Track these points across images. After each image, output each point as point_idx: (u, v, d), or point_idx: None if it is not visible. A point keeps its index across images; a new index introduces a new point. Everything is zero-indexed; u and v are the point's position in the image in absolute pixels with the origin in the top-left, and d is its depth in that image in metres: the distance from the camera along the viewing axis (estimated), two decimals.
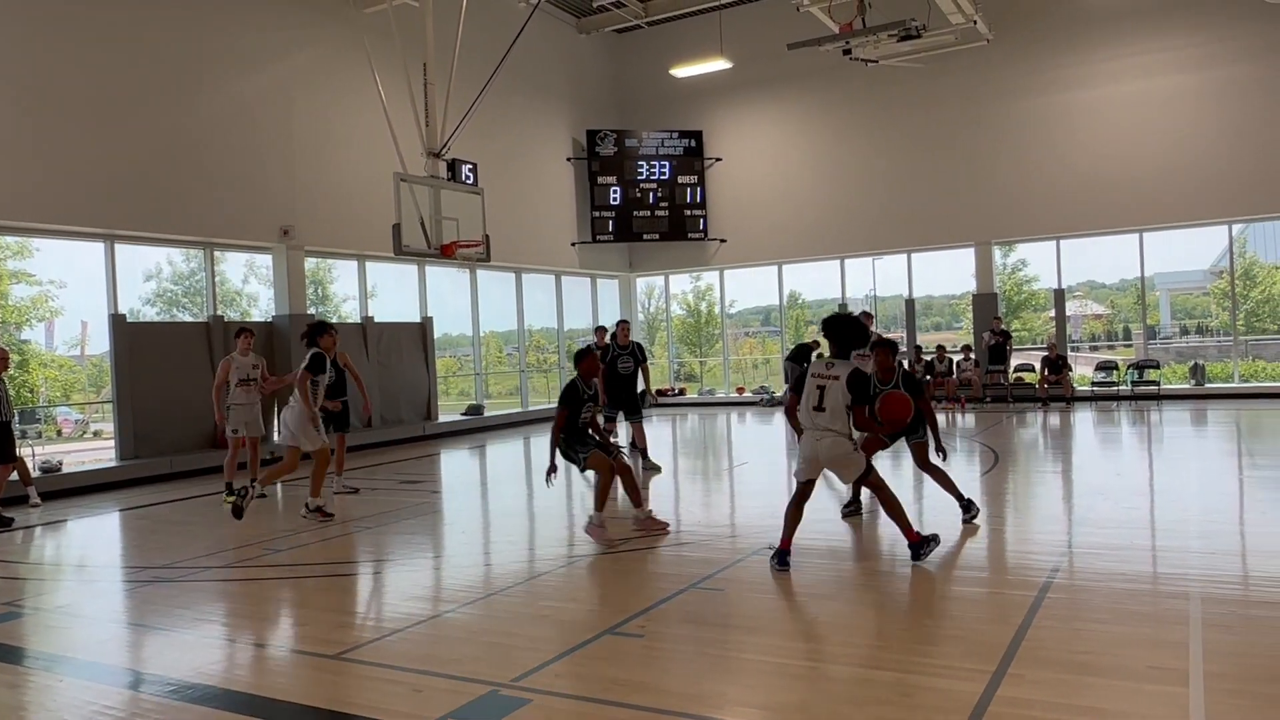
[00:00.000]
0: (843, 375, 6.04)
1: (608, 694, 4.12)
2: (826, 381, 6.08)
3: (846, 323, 6.31)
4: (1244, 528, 7.11)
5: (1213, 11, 17.65)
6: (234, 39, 14.35)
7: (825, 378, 6.10)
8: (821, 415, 6.07)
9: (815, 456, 6.15)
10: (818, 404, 6.07)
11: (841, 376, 6.04)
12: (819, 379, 6.12)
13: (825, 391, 6.06)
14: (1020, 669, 4.17)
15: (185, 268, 16.04)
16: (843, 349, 6.23)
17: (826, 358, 6.30)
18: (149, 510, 10.31)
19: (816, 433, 6.12)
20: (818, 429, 6.11)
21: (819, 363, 6.30)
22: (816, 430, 6.12)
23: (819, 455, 6.13)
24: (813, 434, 6.15)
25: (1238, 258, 19.60)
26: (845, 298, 22.14)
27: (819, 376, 6.13)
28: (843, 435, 6.11)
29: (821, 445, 6.10)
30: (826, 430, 6.08)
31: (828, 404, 6.04)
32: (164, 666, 4.86)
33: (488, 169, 15.40)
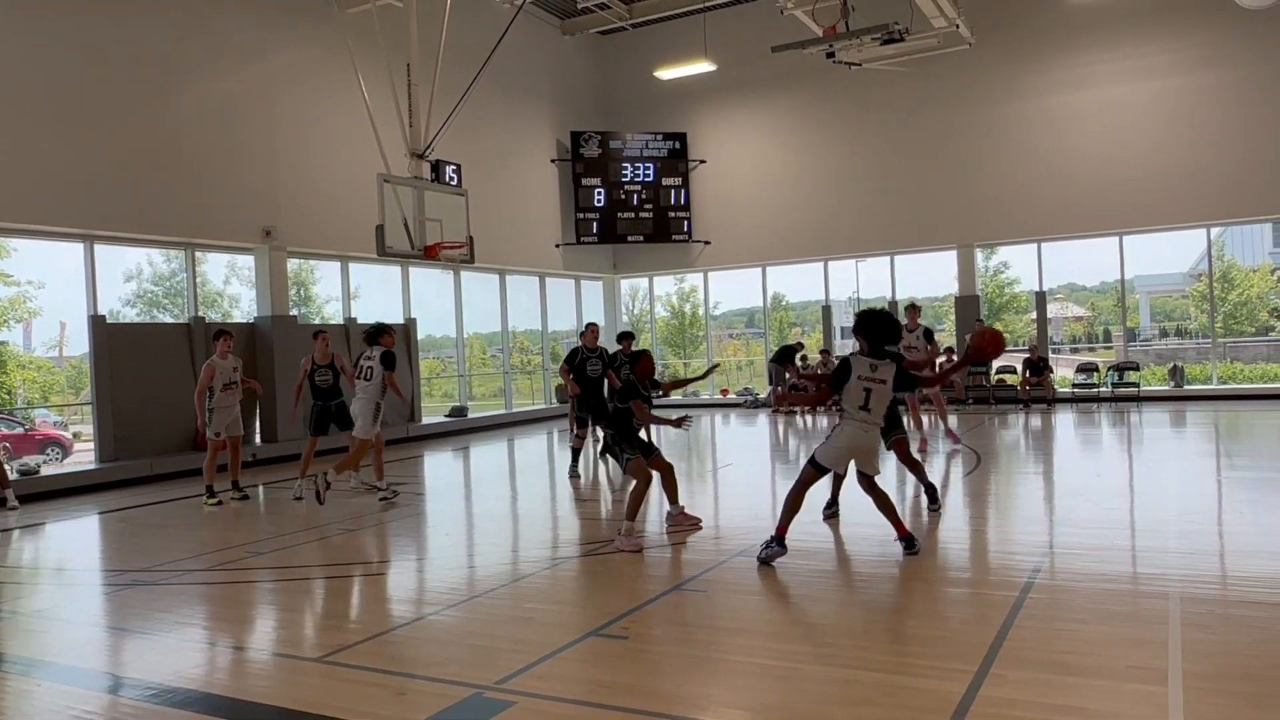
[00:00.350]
0: (889, 379, 6.18)
1: (592, 696, 4.11)
2: (873, 385, 6.17)
3: (879, 318, 6.29)
4: (1222, 528, 7.18)
5: (1191, 18, 17.83)
6: (215, 38, 14.27)
7: (872, 380, 6.17)
8: (867, 415, 6.21)
9: (852, 448, 6.25)
10: (864, 404, 6.18)
11: (888, 380, 6.18)
12: (865, 381, 6.19)
13: (871, 395, 6.17)
14: (1002, 669, 4.19)
15: (166, 268, 15.92)
16: (876, 347, 6.25)
17: (869, 359, 6.27)
18: (128, 513, 10.22)
19: (863, 425, 6.22)
20: (864, 423, 6.22)
21: (863, 363, 6.26)
22: (861, 424, 6.22)
23: (856, 448, 6.25)
24: (854, 429, 6.23)
25: (1216, 261, 19.81)
26: (829, 300, 22.22)
27: (865, 379, 6.19)
28: (877, 428, 6.31)
29: (863, 440, 6.23)
30: (872, 427, 6.25)
31: (873, 406, 6.20)
32: (144, 670, 4.82)
33: (472, 170, 15.37)
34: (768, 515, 8.45)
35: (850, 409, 6.24)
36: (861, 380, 6.19)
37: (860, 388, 6.18)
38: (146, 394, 13.30)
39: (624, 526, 7.17)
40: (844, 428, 6.28)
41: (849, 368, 6.29)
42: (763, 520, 8.11)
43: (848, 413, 6.27)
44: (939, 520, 7.73)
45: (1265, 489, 8.75)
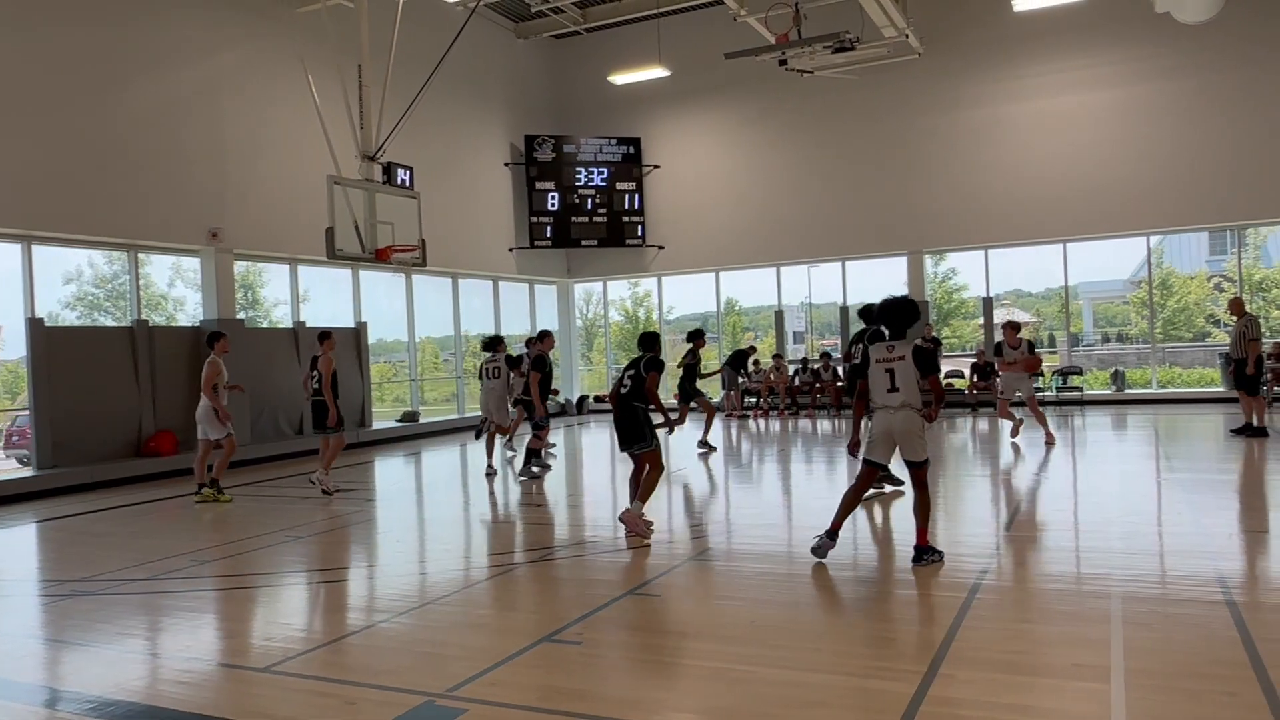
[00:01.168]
0: (907, 354, 6.30)
1: (545, 702, 4.09)
2: (893, 363, 6.31)
3: (900, 306, 6.48)
4: (1162, 529, 7.37)
5: (1132, 32, 18.32)
6: (161, 35, 13.98)
7: (890, 360, 6.33)
8: (896, 394, 6.30)
9: (889, 431, 6.33)
10: (891, 385, 6.31)
11: (906, 355, 6.30)
12: (885, 362, 6.34)
13: (895, 373, 6.30)
14: (950, 669, 4.26)
15: (108, 270, 15.52)
16: (898, 331, 6.45)
17: (885, 342, 6.48)
18: (68, 521, 9.95)
19: (890, 410, 6.32)
20: (891, 407, 6.32)
21: (879, 347, 6.46)
22: (890, 408, 6.32)
23: (893, 429, 6.32)
24: (886, 412, 6.34)
25: (1155, 268, 20.36)
26: (781, 304, 22.40)
27: (884, 360, 6.35)
28: (915, 410, 6.33)
29: (895, 420, 6.30)
30: (902, 405, 6.30)
31: (900, 383, 6.29)
32: (83, 683, 4.69)
33: (424, 173, 15.25)
34: (720, 519, 8.50)
35: (877, 394, 6.39)
36: (881, 363, 6.35)
37: (882, 370, 6.33)
38: (87, 399, 12.96)
39: (635, 507, 7.48)
40: (875, 418, 6.45)
41: (866, 355, 6.52)
42: (715, 525, 8.15)
43: (875, 402, 6.42)
44: (888, 510, 7.83)
45: (1202, 490, 9.00)
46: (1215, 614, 4.92)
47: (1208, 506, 8.07)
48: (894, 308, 6.46)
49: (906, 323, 6.44)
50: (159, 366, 14.00)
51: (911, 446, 6.32)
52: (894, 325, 6.45)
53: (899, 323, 6.43)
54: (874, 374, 6.37)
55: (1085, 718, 3.73)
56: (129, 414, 13.60)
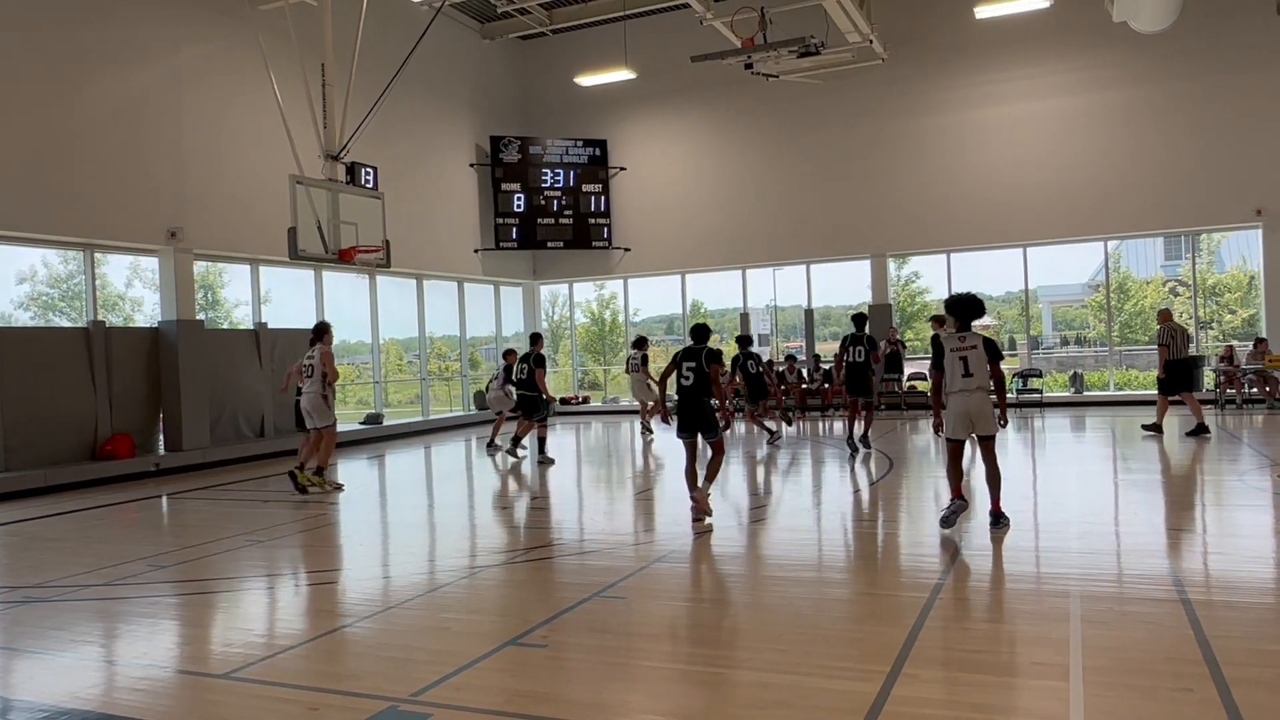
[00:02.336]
0: (979, 344, 7.20)
1: (510, 706, 4.08)
2: (967, 351, 7.18)
3: (968, 301, 7.29)
4: (1119, 528, 7.51)
5: (1092, 41, 18.64)
6: (121, 30, 13.73)
7: (963, 349, 7.20)
8: (970, 379, 7.14)
9: (967, 412, 7.15)
10: (965, 371, 7.15)
11: (979, 345, 7.19)
12: (959, 351, 7.21)
13: (969, 361, 7.15)
14: (914, 669, 4.30)
15: (63, 270, 15.21)
16: (966, 322, 7.29)
17: (955, 332, 7.30)
18: (20, 526, 9.73)
19: (967, 393, 7.15)
20: (968, 390, 7.14)
21: (951, 338, 7.28)
22: (967, 391, 7.14)
23: (970, 410, 7.14)
24: (963, 395, 7.16)
25: (1113, 272, 20.73)
26: (746, 307, 22.51)
27: (957, 350, 7.21)
28: (987, 392, 7.17)
29: (972, 401, 7.13)
30: (977, 389, 7.14)
31: (974, 369, 7.14)
32: (35, 692, 4.59)
33: (389, 173, 15.12)
34: (685, 521, 8.51)
35: (953, 380, 7.19)
36: (955, 352, 7.21)
37: (956, 358, 7.19)
38: (41, 401, 12.69)
39: (705, 487, 8.26)
40: (951, 400, 7.23)
41: (941, 346, 7.32)
42: (681, 526, 8.16)
43: (951, 385, 7.21)
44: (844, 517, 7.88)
45: (1158, 491, 9.18)
46: (1171, 612, 5.02)
47: (1163, 507, 8.22)
48: (963, 302, 7.30)
49: (974, 315, 7.28)
50: (116, 368, 13.75)
51: (988, 424, 7.19)
52: (960, 316, 7.27)
53: (967, 314, 7.26)
54: (949, 361, 7.20)
55: (1046, 716, 3.79)
56: (84, 416, 13.33)
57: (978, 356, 7.15)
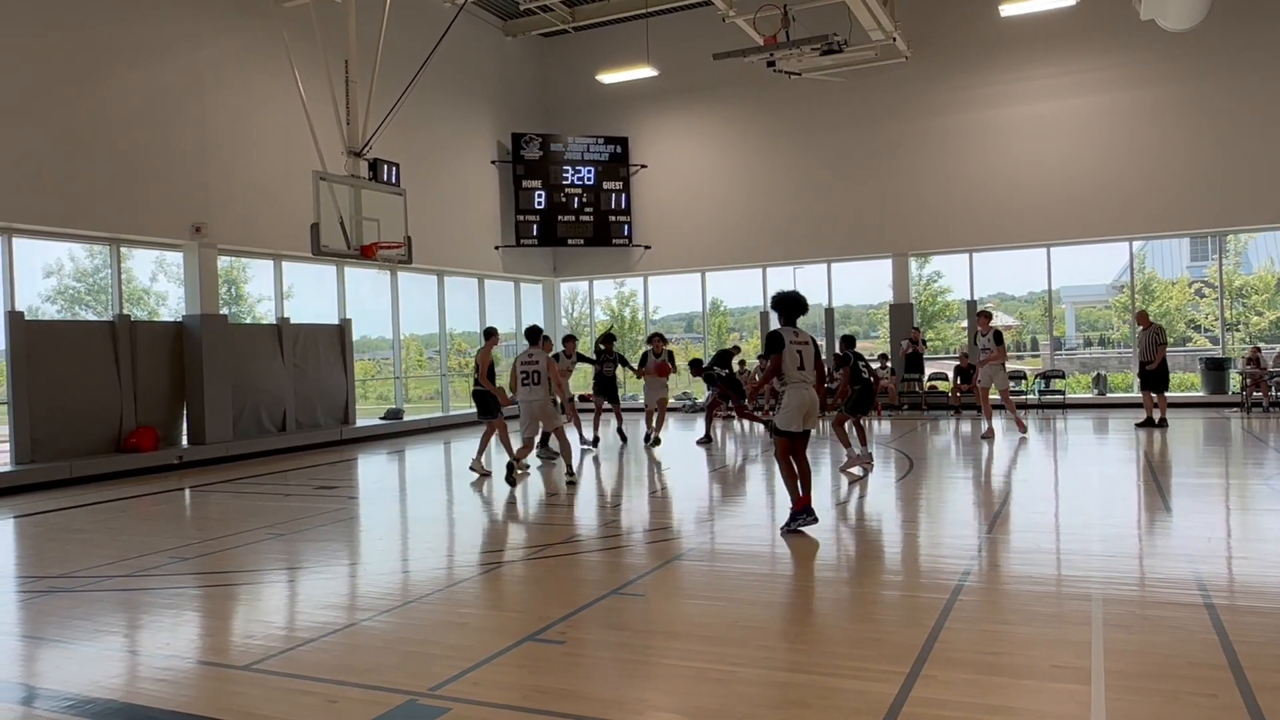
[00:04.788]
0: (810, 340, 7.48)
1: (528, 702, 4.08)
2: (802, 346, 7.40)
3: (793, 299, 7.52)
4: (1141, 532, 7.43)
5: (1118, 39, 18.45)
6: (146, 27, 13.86)
7: (799, 343, 7.40)
8: (803, 372, 7.36)
9: (802, 404, 7.32)
10: (800, 365, 7.35)
11: (810, 342, 7.46)
12: (796, 344, 7.39)
13: (803, 355, 7.37)
14: (933, 670, 4.28)
15: (89, 264, 15.39)
16: (791, 319, 7.50)
17: (790, 329, 7.48)
18: (46, 517, 9.85)
19: (804, 385, 7.37)
20: (805, 383, 7.37)
21: (788, 331, 7.43)
22: (805, 384, 7.37)
23: (807, 402, 7.33)
24: (801, 387, 7.35)
25: (1138, 273, 20.52)
26: (766, 306, 22.42)
27: (795, 343, 7.39)
28: (812, 385, 7.43)
29: (809, 394, 7.37)
30: (809, 383, 7.39)
31: (806, 364, 7.38)
32: (60, 681, 4.65)
33: (410, 170, 15.19)
34: (705, 519, 8.50)
35: (791, 372, 7.32)
36: (793, 345, 7.35)
37: (794, 351, 7.34)
38: (67, 394, 12.84)
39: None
40: (789, 391, 7.34)
41: (780, 336, 7.39)
42: (700, 524, 8.16)
43: (789, 377, 7.34)
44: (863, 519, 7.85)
45: (1181, 494, 9.08)
46: (1194, 616, 4.96)
47: (1187, 510, 8.13)
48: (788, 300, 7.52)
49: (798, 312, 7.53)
50: (140, 362, 13.90)
51: (815, 420, 7.46)
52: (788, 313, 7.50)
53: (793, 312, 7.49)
54: (788, 354, 7.34)
55: (1065, 719, 3.75)
56: (109, 409, 13.48)
57: (810, 352, 7.42)
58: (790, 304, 7.53)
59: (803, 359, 7.36)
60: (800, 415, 7.32)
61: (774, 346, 7.39)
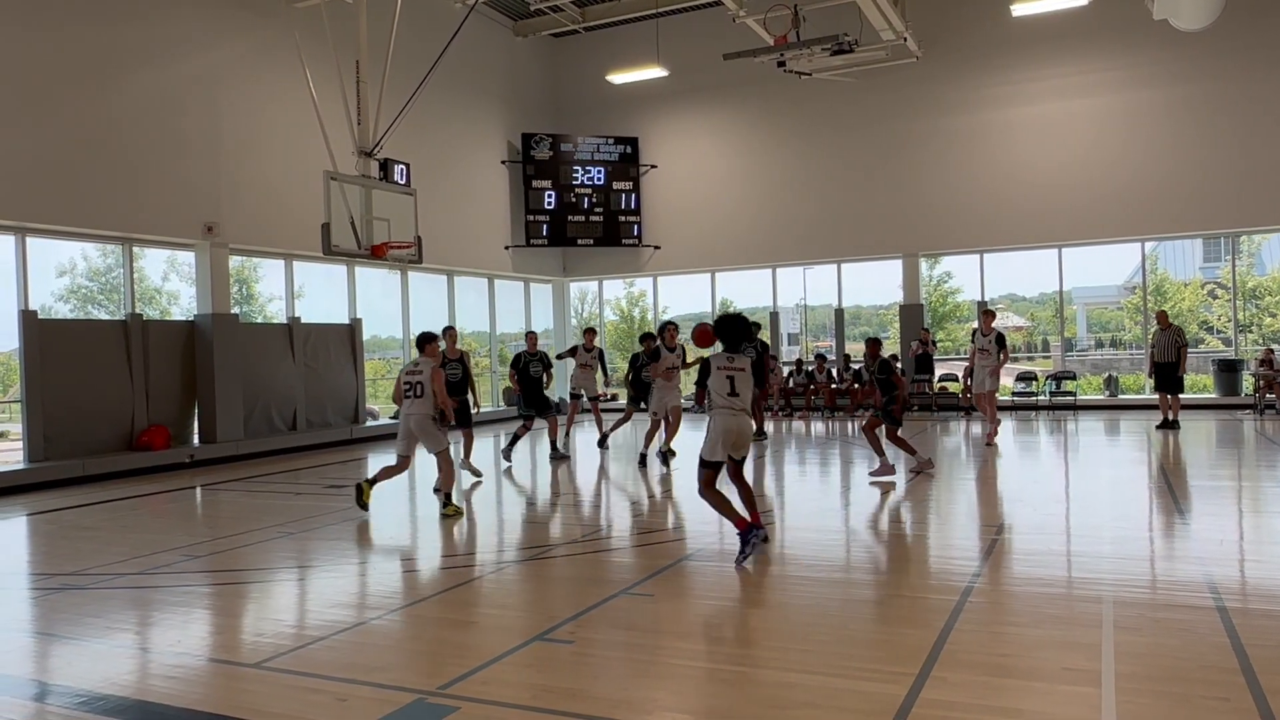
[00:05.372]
0: (746, 367, 6.87)
1: (537, 701, 4.09)
2: (734, 372, 6.81)
3: (731, 322, 6.99)
4: (1152, 534, 7.39)
5: (1130, 38, 18.36)
6: (157, 28, 13.93)
7: (732, 369, 6.82)
8: (736, 399, 6.80)
9: (727, 430, 6.74)
10: (731, 390, 6.79)
11: (746, 368, 6.86)
12: (726, 370, 6.81)
13: (735, 380, 6.80)
14: (942, 671, 4.26)
15: (101, 263, 15.47)
16: (731, 345, 6.93)
17: (725, 354, 6.92)
18: (58, 515, 9.91)
19: (732, 413, 6.79)
20: (734, 410, 6.80)
21: (720, 357, 6.88)
22: (732, 411, 6.79)
23: (735, 430, 6.77)
24: (728, 413, 6.78)
25: (1150, 274, 20.41)
26: (776, 306, 22.43)
27: (725, 369, 6.82)
28: (749, 414, 6.95)
29: (738, 421, 6.80)
30: (741, 410, 6.83)
31: (740, 389, 6.80)
32: (72, 677, 4.67)
33: (421, 170, 15.22)
34: (713, 520, 8.50)
35: (718, 398, 6.82)
36: (722, 370, 6.80)
37: (724, 377, 6.79)
38: (80, 392, 12.92)
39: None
40: (715, 418, 6.82)
41: (708, 363, 6.90)
42: (709, 524, 8.16)
43: (717, 402, 6.84)
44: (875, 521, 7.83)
45: (1193, 496, 9.03)
46: (1206, 619, 4.94)
47: (1198, 512, 8.09)
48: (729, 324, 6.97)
49: (742, 338, 7.00)
50: (152, 361, 13.97)
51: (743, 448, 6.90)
52: (725, 339, 6.93)
53: (735, 338, 6.93)
54: (716, 379, 6.80)
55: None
56: (121, 408, 13.56)
57: (745, 379, 6.81)
58: (729, 329, 6.95)
59: (735, 385, 6.76)
60: (725, 444, 6.73)
61: (703, 373, 6.95)
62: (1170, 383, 14.81)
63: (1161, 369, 14.89)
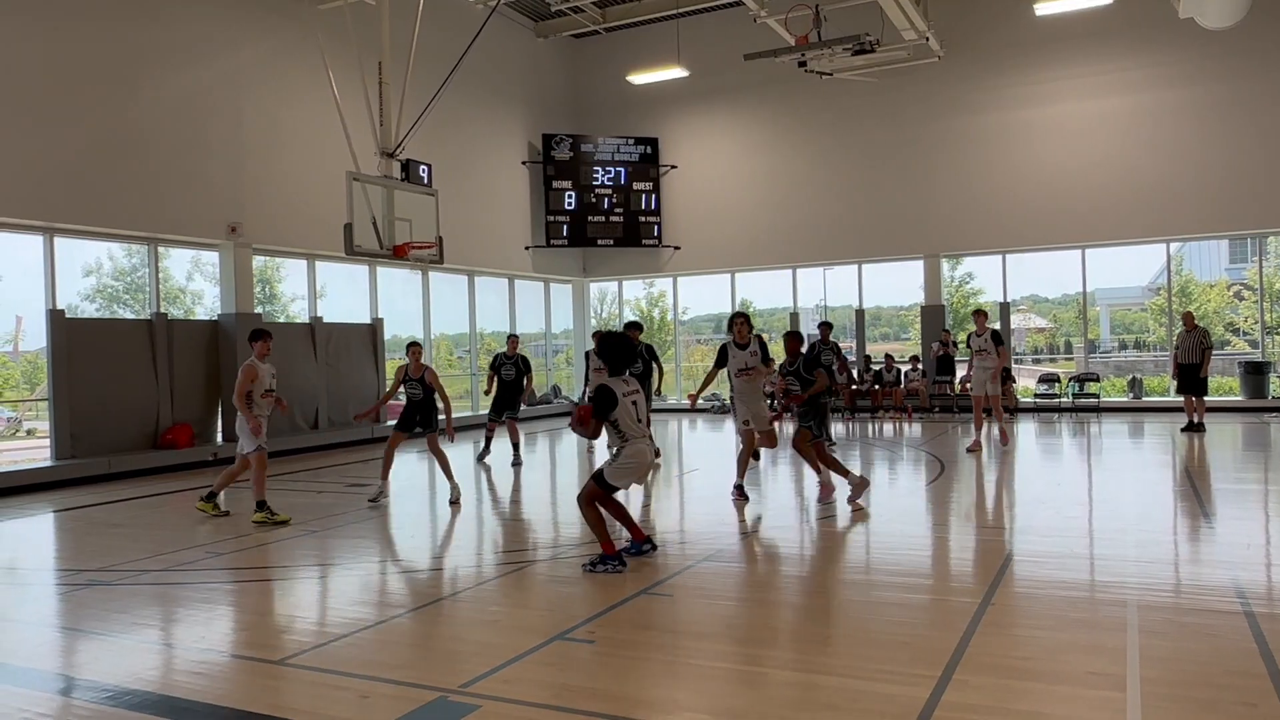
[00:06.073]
0: (639, 388, 6.63)
1: (557, 700, 4.10)
2: (635, 397, 6.54)
3: (614, 342, 6.72)
4: (1178, 537, 7.32)
5: (1155, 37, 18.19)
6: (182, 30, 14.07)
7: (632, 393, 6.52)
8: (641, 425, 6.57)
9: (642, 465, 6.53)
10: (638, 418, 6.54)
11: (640, 389, 6.63)
12: (630, 397, 6.48)
13: (638, 406, 6.55)
14: (964, 674, 4.24)
15: (127, 263, 15.64)
16: (616, 369, 6.59)
17: (620, 379, 6.55)
18: (85, 512, 10.03)
19: (643, 440, 6.56)
20: (643, 437, 6.56)
21: (618, 384, 6.50)
22: (642, 439, 6.55)
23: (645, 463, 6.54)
24: (642, 442, 6.54)
25: (1174, 275, 20.20)
26: (796, 307, 22.36)
27: (628, 395, 6.48)
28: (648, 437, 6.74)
29: (650, 449, 6.63)
30: (646, 435, 6.62)
31: (641, 414, 6.58)
32: (99, 672, 4.73)
33: (442, 170, 15.28)
34: (733, 520, 8.49)
35: (629, 427, 6.46)
36: (627, 397, 6.46)
37: (629, 402, 6.46)
38: (105, 391, 13.07)
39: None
40: (632, 446, 6.48)
41: (612, 393, 6.41)
42: (729, 525, 8.15)
43: (628, 432, 6.46)
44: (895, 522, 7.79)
45: (1219, 499, 8.93)
46: (1233, 624, 4.88)
47: (1225, 516, 8.00)
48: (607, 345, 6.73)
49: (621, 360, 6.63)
50: (177, 359, 14.11)
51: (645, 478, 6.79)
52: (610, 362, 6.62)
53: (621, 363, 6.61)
54: (623, 406, 6.43)
55: None
56: (146, 406, 13.70)
57: (642, 400, 6.58)
58: (617, 351, 6.61)
59: (638, 410, 6.49)
60: (637, 475, 6.55)
61: (606, 404, 6.36)
62: (1193, 384, 14.70)
63: (1184, 370, 14.80)
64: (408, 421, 10.13)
